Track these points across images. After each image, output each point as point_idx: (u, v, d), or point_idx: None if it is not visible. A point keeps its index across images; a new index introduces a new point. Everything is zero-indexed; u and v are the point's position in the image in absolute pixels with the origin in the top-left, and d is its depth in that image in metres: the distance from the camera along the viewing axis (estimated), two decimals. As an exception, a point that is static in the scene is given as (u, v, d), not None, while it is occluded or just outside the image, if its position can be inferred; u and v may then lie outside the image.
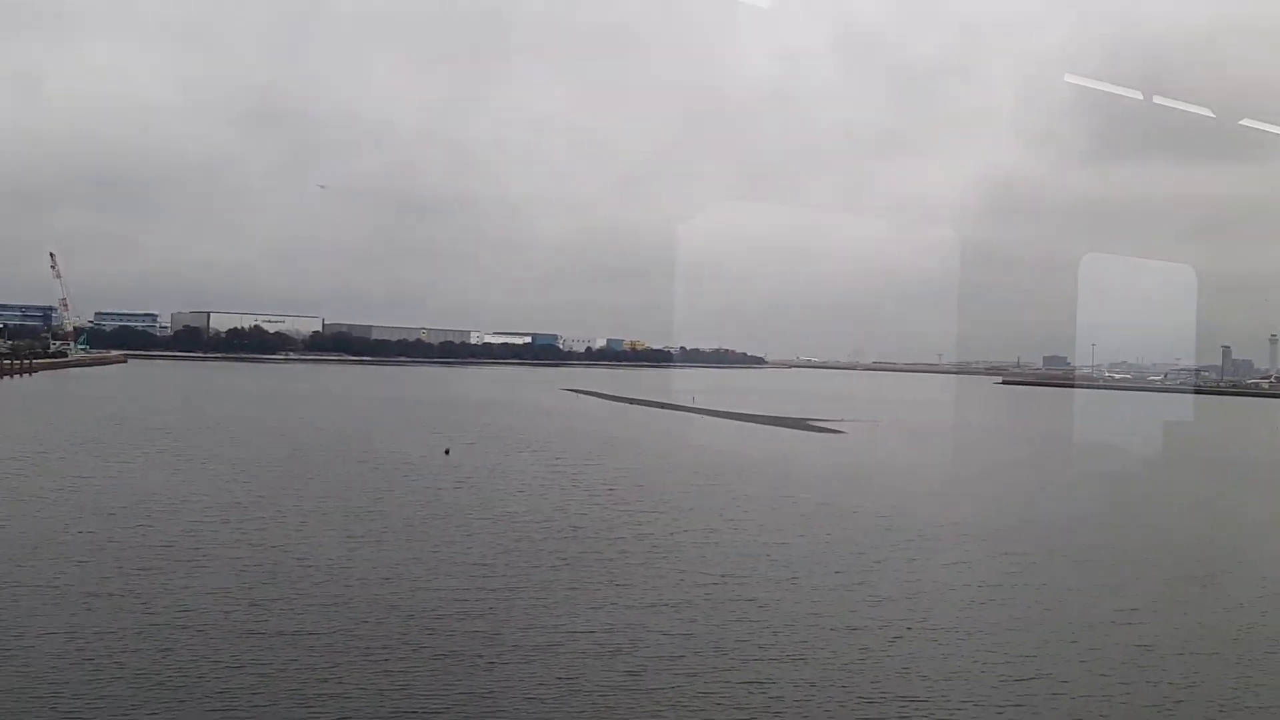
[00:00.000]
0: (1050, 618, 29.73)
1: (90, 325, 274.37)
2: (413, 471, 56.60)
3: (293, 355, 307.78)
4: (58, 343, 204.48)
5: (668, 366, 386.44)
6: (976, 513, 48.98)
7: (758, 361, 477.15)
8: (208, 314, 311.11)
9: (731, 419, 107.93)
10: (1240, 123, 49.35)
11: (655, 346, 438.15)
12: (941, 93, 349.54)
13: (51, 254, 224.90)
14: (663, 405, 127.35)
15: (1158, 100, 47.08)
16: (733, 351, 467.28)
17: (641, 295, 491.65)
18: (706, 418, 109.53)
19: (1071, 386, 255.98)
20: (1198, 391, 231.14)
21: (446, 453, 65.62)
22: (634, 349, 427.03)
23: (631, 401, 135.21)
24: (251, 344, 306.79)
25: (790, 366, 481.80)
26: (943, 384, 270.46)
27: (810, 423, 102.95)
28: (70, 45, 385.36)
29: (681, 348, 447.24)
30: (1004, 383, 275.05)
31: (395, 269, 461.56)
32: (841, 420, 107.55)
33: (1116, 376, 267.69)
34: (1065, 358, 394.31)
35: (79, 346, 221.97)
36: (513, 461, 63.76)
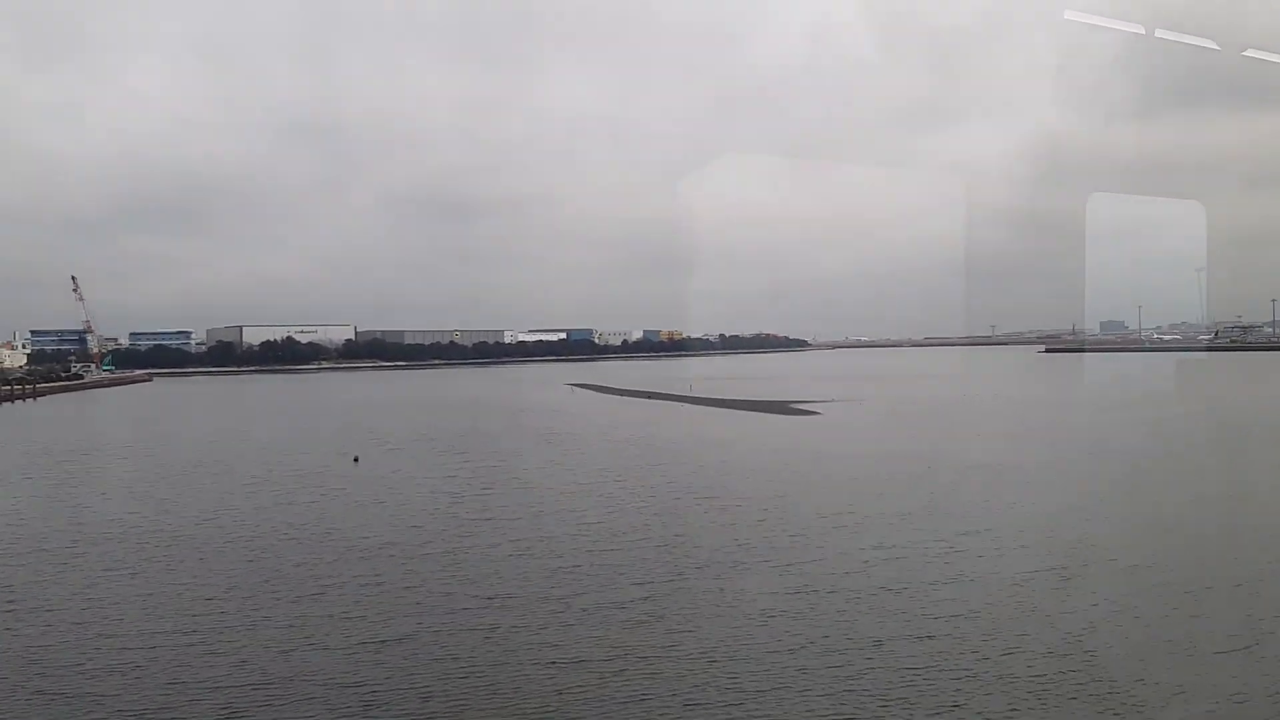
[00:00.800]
0: (822, 637, 24.54)
1: (122, 347, 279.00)
2: (293, 484, 52.89)
3: (325, 364, 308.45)
4: (77, 366, 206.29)
5: (703, 354, 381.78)
6: (871, 503, 43.38)
7: (801, 344, 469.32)
8: (240, 328, 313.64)
9: (711, 406, 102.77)
10: (1243, 54, 43.56)
11: (694, 335, 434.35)
12: (981, 57, 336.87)
13: (73, 278, 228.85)
14: (653, 395, 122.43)
15: (1159, 34, 41.45)
16: (774, 336, 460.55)
17: (685, 285, 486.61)
18: (685, 406, 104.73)
19: (1113, 350, 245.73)
20: (1247, 348, 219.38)
21: (355, 461, 61.90)
22: (671, 339, 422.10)
23: (624, 394, 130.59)
24: (284, 355, 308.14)
25: (836, 347, 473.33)
26: (980, 356, 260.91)
27: (791, 405, 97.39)
28: (107, 72, 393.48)
29: (721, 335, 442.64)
30: (1046, 351, 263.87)
31: (443, 273, 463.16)
32: (829, 401, 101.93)
33: (1165, 339, 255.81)
34: (1123, 322, 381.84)
35: (104, 368, 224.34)
36: (413, 468, 59.71)
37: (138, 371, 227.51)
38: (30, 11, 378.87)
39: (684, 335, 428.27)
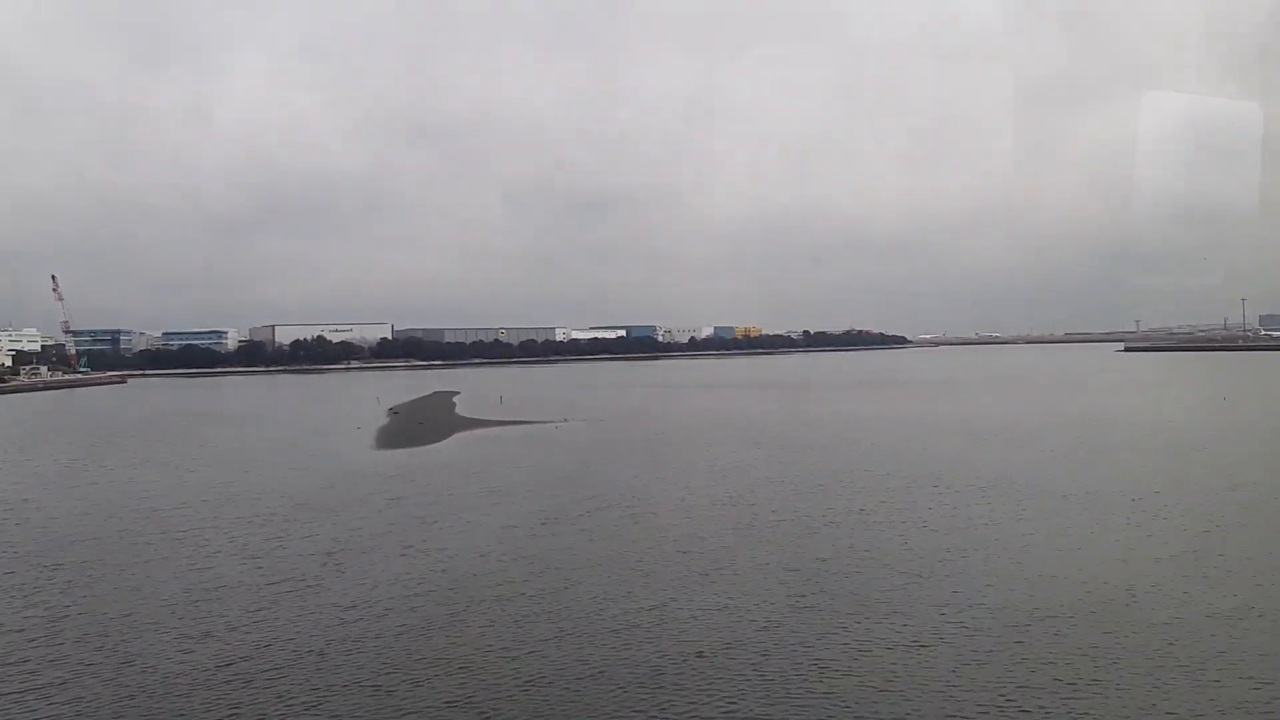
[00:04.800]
0: None
1: (152, 347, 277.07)
2: None
3: (355, 364, 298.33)
4: (27, 368, 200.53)
5: (765, 353, 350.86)
6: None
7: (899, 341, 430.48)
8: (273, 328, 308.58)
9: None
10: None
11: (775, 332, 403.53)
12: (1120, 29, 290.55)
13: (53, 277, 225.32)
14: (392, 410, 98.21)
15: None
16: (868, 332, 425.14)
17: (799, 278, 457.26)
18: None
19: (1211, 349, 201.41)
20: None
21: None
22: (747, 336, 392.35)
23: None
24: (314, 355, 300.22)
25: (938, 345, 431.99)
26: (1064, 355, 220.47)
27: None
28: (220, 73, 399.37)
29: (805, 332, 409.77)
30: (1127, 349, 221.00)
31: (566, 269, 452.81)
32: (564, 420, 75.28)
33: (1275, 335, 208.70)
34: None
35: (81, 369, 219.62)
36: None
37: (112, 373, 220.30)
38: (137, 12, 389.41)
39: (761, 332, 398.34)
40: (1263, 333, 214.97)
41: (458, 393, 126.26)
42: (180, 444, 67.62)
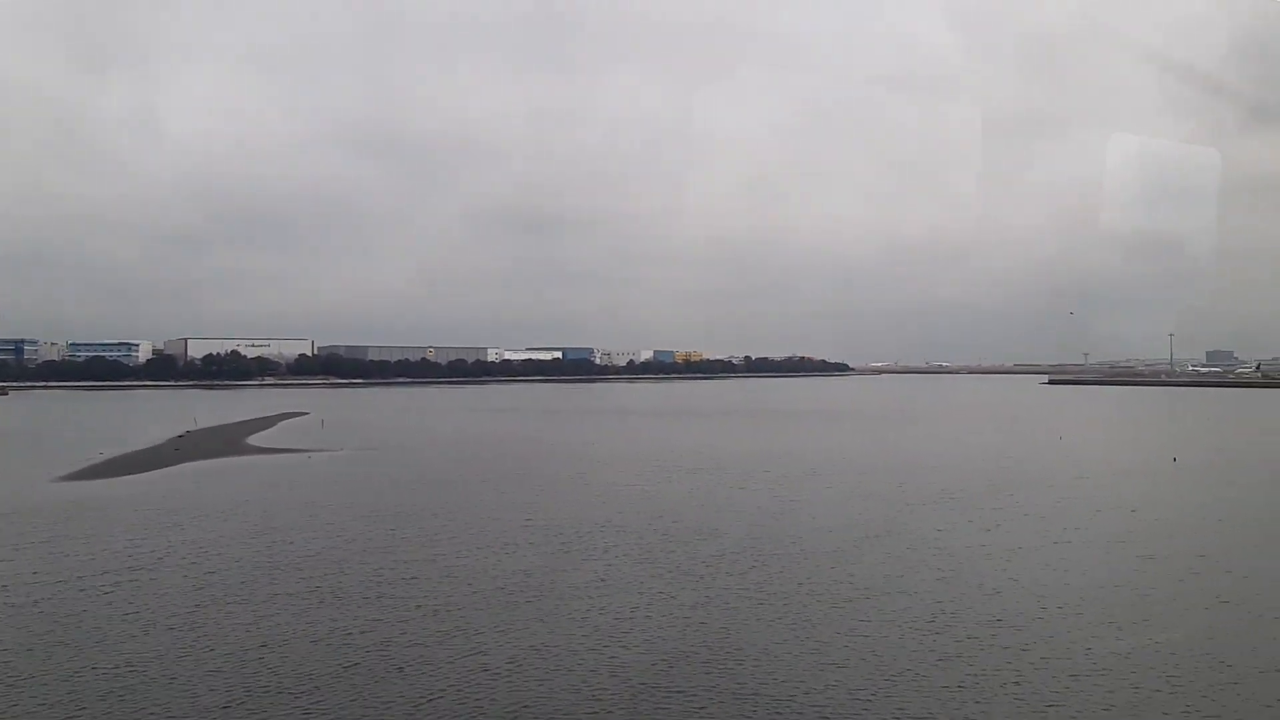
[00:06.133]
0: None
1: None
2: None
3: (270, 380, 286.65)
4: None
5: (701, 378, 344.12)
6: None
7: (841, 369, 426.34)
8: (185, 341, 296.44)
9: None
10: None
11: (716, 357, 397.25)
12: (1076, 62, 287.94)
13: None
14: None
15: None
16: (810, 359, 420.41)
17: (755, 305, 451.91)
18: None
19: (1131, 384, 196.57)
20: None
21: None
22: (687, 360, 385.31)
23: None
24: (227, 370, 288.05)
25: (881, 373, 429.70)
26: (967, 386, 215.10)
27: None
28: (168, 81, 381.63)
29: (746, 358, 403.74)
30: (1050, 382, 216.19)
31: (527, 290, 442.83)
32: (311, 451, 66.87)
33: (1202, 371, 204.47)
34: (1231, 352, 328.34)
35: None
36: None
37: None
38: (79, 17, 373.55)
39: (702, 357, 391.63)
40: (1190, 368, 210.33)
41: (307, 414, 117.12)
42: None
